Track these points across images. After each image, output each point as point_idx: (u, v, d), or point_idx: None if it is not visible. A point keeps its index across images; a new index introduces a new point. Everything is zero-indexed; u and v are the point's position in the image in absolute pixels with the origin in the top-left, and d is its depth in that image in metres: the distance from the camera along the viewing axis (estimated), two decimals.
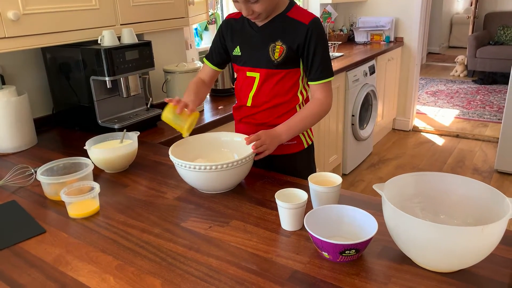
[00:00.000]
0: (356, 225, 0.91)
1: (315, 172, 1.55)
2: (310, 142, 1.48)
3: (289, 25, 1.29)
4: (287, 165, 1.40)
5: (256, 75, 1.34)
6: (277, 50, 1.29)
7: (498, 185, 3.14)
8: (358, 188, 3.16)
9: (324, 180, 1.08)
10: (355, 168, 3.49)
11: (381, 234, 0.89)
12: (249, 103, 1.38)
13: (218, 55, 1.45)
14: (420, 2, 3.84)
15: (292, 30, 1.28)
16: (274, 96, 1.35)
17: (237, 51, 1.37)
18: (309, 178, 1.07)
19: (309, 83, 1.35)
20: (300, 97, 1.38)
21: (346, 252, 0.82)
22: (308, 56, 1.29)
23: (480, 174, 3.33)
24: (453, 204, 0.92)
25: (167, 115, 1.26)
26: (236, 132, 1.46)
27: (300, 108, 1.39)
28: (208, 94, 2.35)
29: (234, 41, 1.38)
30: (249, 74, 1.36)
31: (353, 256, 0.84)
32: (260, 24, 1.32)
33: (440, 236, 0.74)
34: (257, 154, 1.22)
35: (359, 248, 0.82)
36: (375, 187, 0.88)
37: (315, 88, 1.33)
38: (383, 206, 0.85)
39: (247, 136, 1.22)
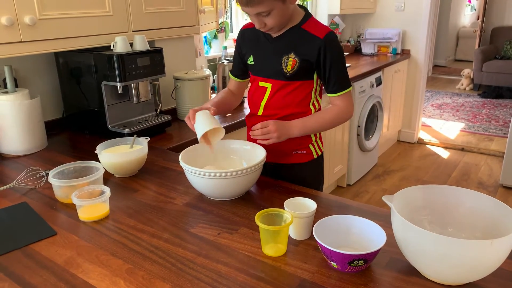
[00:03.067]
0: (364, 235, 0.92)
1: (323, 183, 1.56)
2: (319, 153, 1.48)
3: (303, 38, 1.29)
4: (295, 175, 1.41)
5: (268, 85, 1.36)
6: (290, 63, 1.30)
7: (503, 200, 3.12)
8: (362, 199, 3.16)
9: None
10: (360, 179, 3.50)
11: (389, 246, 0.90)
12: (260, 112, 1.40)
13: (237, 66, 1.49)
14: (428, 15, 3.87)
15: (305, 43, 1.29)
16: (285, 106, 1.36)
17: (250, 60, 1.40)
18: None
19: (328, 95, 1.35)
20: (313, 108, 1.39)
21: (355, 262, 0.83)
22: (325, 70, 1.30)
23: (485, 189, 3.32)
24: (461, 217, 0.93)
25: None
26: (248, 140, 1.45)
27: None
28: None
29: (248, 51, 1.41)
30: (261, 84, 1.38)
31: (361, 267, 0.84)
32: (274, 35, 1.33)
33: (449, 249, 0.74)
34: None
35: (368, 258, 0.83)
36: (384, 198, 0.88)
37: (334, 99, 1.35)
38: (392, 217, 0.86)
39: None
